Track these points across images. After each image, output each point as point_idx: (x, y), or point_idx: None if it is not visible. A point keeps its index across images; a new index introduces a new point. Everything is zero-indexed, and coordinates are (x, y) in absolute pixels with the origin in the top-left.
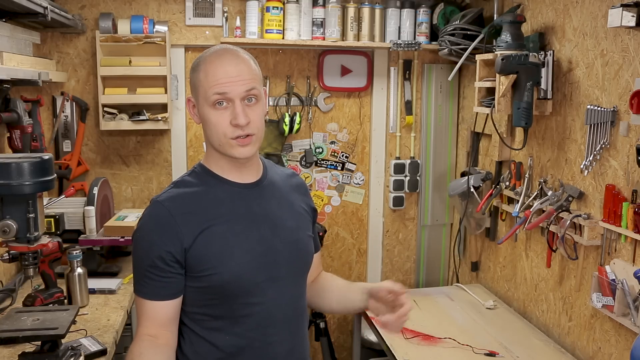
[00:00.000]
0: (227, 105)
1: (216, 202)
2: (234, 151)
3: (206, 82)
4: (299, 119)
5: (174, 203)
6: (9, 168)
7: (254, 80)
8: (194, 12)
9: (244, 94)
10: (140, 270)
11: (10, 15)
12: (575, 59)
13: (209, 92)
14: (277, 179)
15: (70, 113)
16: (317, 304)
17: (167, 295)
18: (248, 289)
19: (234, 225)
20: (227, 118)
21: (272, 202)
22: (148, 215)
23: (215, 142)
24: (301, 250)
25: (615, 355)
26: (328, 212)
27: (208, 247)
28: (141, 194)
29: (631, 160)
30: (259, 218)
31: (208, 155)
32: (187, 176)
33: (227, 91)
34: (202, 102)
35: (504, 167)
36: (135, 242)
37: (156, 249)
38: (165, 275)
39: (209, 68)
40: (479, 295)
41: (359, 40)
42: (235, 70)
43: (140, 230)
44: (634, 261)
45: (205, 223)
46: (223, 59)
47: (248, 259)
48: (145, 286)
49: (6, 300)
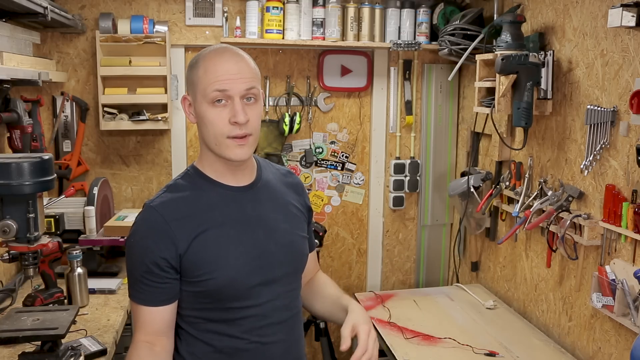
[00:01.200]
0: (226, 103)
1: (209, 206)
2: (230, 152)
3: (206, 78)
4: (299, 119)
5: (168, 209)
6: (9, 168)
7: (254, 80)
8: (194, 12)
9: (244, 92)
10: (134, 276)
11: (10, 15)
12: (575, 59)
13: (208, 88)
14: (272, 178)
15: (70, 113)
16: (308, 306)
17: (162, 301)
18: (243, 293)
19: (228, 229)
20: (226, 116)
21: (266, 204)
22: (142, 221)
23: (212, 142)
24: (295, 251)
25: (615, 355)
26: (328, 212)
27: (202, 253)
28: (141, 194)
29: (631, 160)
30: (252, 221)
31: (202, 157)
32: (179, 179)
33: (228, 88)
34: (200, 99)
35: (504, 167)
36: (129, 247)
37: (151, 255)
38: (160, 281)
39: (209, 65)
40: (479, 295)
41: (359, 40)
42: (236, 67)
43: (134, 235)
44: (634, 261)
45: (199, 228)
46: (223, 56)
47: (242, 263)
48: (140, 292)
49: (6, 300)
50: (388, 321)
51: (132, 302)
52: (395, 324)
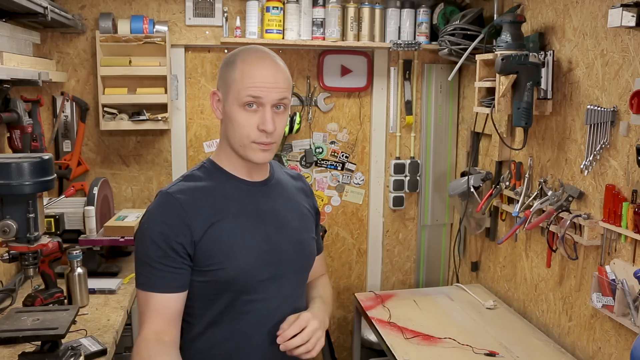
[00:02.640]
0: (257, 109)
1: (225, 197)
2: (253, 155)
3: (241, 81)
4: (299, 119)
5: (185, 195)
6: (9, 168)
7: (287, 90)
8: (194, 12)
9: (276, 102)
10: (148, 262)
11: (10, 15)
12: (575, 59)
13: (242, 92)
14: (284, 179)
15: (70, 113)
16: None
17: (177, 287)
18: (251, 286)
19: (242, 221)
20: (255, 121)
21: (278, 201)
22: (159, 207)
23: (237, 142)
24: (304, 250)
25: (615, 355)
26: (328, 212)
27: (216, 242)
28: (141, 194)
29: (631, 160)
30: (266, 216)
31: (221, 152)
32: (196, 170)
33: (262, 96)
34: (231, 99)
35: (504, 167)
36: (143, 233)
37: (168, 240)
38: (177, 265)
39: (246, 68)
40: (479, 295)
41: (359, 40)
42: (273, 77)
43: (149, 221)
44: (634, 261)
45: (214, 217)
46: (263, 62)
47: (254, 256)
48: (153, 279)
49: (6, 300)
50: (388, 321)
51: (142, 291)
52: (395, 324)
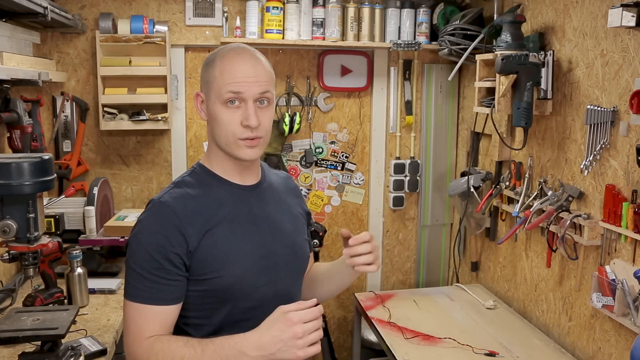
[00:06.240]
0: (239, 104)
1: (218, 203)
2: (240, 152)
3: (221, 79)
4: (299, 119)
5: (178, 203)
6: (9, 168)
7: (269, 84)
8: (194, 12)
9: (258, 96)
10: (141, 274)
11: (10, 15)
12: (575, 59)
13: (223, 89)
14: (274, 180)
15: (70, 113)
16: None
17: (171, 300)
18: (249, 293)
19: (236, 227)
20: (238, 118)
21: (271, 204)
22: (152, 217)
23: (222, 141)
24: (299, 253)
25: (615, 355)
26: (328, 212)
27: (212, 250)
28: (141, 194)
29: (631, 160)
30: (259, 220)
31: (210, 155)
32: (186, 176)
33: (242, 91)
34: (213, 98)
35: (504, 167)
36: (136, 244)
37: (163, 251)
38: (171, 277)
39: (225, 65)
40: (479, 295)
41: (359, 40)
42: (252, 70)
43: (142, 232)
44: (634, 261)
45: (208, 224)
46: (241, 57)
47: (250, 263)
48: (146, 291)
49: (6, 300)
50: (388, 321)
51: (131, 302)
52: (395, 324)
